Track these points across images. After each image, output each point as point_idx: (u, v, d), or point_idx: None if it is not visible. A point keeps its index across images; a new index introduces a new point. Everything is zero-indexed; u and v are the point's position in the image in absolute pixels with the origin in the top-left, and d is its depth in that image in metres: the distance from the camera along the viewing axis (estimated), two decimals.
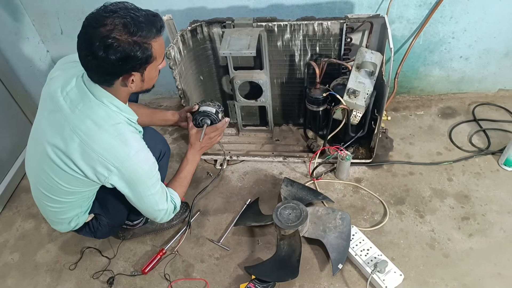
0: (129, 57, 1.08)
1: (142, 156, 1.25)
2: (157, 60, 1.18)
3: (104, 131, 1.19)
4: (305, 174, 1.91)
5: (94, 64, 1.10)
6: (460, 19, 1.91)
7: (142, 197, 1.31)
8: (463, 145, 1.94)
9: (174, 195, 1.46)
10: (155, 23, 1.12)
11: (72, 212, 1.43)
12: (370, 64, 1.67)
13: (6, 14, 2.02)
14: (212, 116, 1.56)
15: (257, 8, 1.96)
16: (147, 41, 1.10)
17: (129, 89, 1.21)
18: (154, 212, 1.38)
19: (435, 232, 1.60)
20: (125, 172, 1.23)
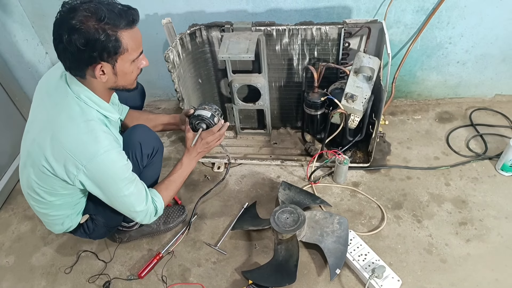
0: (94, 42, 1.06)
1: (112, 156, 1.20)
2: (130, 53, 1.15)
3: (75, 126, 1.16)
4: (302, 177, 1.88)
5: (61, 48, 1.09)
6: (457, 25, 1.90)
7: (115, 198, 1.27)
8: (460, 150, 1.92)
9: (157, 198, 1.39)
10: (127, 15, 1.11)
11: (60, 214, 1.40)
12: (368, 69, 1.65)
13: (6, 16, 1.99)
14: (207, 120, 1.49)
15: (255, 12, 1.93)
16: (114, 29, 1.08)
17: (101, 82, 1.18)
18: (131, 213, 1.33)
19: (432, 237, 1.57)
20: (93, 171, 1.18)
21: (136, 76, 1.26)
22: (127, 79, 1.22)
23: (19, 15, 2.04)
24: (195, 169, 1.99)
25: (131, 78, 1.23)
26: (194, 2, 1.94)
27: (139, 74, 1.27)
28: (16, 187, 2.01)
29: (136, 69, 1.23)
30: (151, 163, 1.48)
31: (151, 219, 1.38)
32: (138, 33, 1.16)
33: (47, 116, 1.22)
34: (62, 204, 1.37)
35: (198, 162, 1.98)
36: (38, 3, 2.03)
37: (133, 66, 1.20)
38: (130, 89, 1.29)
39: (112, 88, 1.24)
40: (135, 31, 1.14)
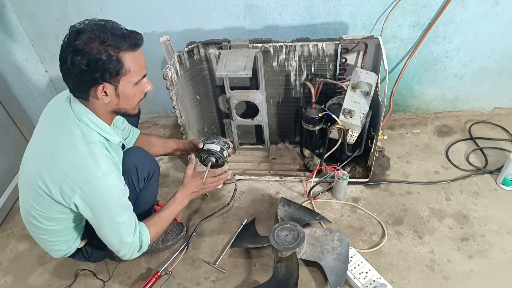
0: (96, 62, 1.07)
1: (110, 180, 1.18)
2: (132, 75, 1.15)
3: (75, 149, 1.15)
4: (302, 193, 1.85)
5: (66, 68, 1.09)
6: (453, 39, 1.89)
7: (105, 225, 1.23)
8: (460, 164, 1.89)
9: (144, 232, 1.33)
10: (130, 38, 1.11)
11: (58, 239, 1.37)
12: (365, 84, 1.63)
13: (6, 36, 1.99)
14: (217, 154, 1.51)
15: (252, 29, 1.93)
16: (116, 50, 1.09)
17: (104, 103, 1.17)
18: (116, 244, 1.27)
19: (434, 254, 1.53)
20: (88, 194, 1.16)
21: (139, 101, 1.25)
22: (130, 102, 1.21)
23: (19, 35, 2.04)
24: None
25: (133, 101, 1.22)
26: (192, 20, 1.94)
27: (142, 98, 1.25)
28: (14, 206, 1.98)
29: (139, 93, 1.22)
30: (148, 186, 1.46)
31: (133, 255, 1.33)
32: (141, 56, 1.17)
33: (48, 138, 1.21)
34: (60, 229, 1.34)
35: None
36: (38, 22, 2.03)
37: (135, 89, 1.19)
38: (131, 114, 1.28)
39: (114, 111, 1.23)
40: (138, 54, 1.15)
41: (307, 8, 1.83)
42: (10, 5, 1.96)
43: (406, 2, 1.78)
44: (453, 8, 1.78)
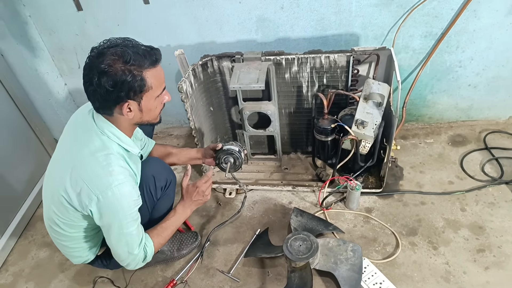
0: (121, 83, 1.11)
1: (125, 189, 1.21)
2: (154, 90, 1.19)
3: (94, 159, 1.19)
4: (314, 203, 1.85)
5: (91, 90, 1.14)
6: (466, 49, 1.88)
7: (114, 233, 1.26)
8: (475, 174, 1.86)
9: (148, 243, 1.36)
10: (150, 55, 1.16)
11: (79, 246, 1.41)
12: (378, 95, 1.64)
13: (27, 51, 2.07)
14: (235, 154, 1.55)
15: (264, 41, 1.96)
16: (140, 69, 1.13)
17: (128, 118, 1.21)
18: (123, 254, 1.30)
19: (449, 265, 1.51)
20: (104, 202, 1.20)
21: (160, 111, 1.30)
22: (152, 114, 1.27)
23: (40, 50, 2.12)
24: None
25: (155, 113, 1.28)
26: (205, 33, 1.98)
27: (162, 108, 1.30)
28: (35, 214, 2.05)
29: (159, 104, 1.27)
30: (165, 195, 1.50)
31: (137, 265, 1.36)
32: (161, 71, 1.21)
33: (71, 149, 1.26)
34: (80, 236, 1.39)
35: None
36: (58, 38, 2.10)
37: (157, 101, 1.24)
38: (154, 123, 1.33)
39: (137, 123, 1.29)
40: (158, 70, 1.19)
41: (318, 20, 1.86)
42: (32, 22, 2.04)
43: (418, 13, 1.78)
44: (465, 18, 1.78)
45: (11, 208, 1.95)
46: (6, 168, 1.93)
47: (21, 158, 1.99)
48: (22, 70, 2.06)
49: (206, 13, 1.91)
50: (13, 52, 2.03)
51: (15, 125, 2.05)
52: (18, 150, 2.01)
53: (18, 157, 1.99)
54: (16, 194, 1.99)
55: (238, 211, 1.80)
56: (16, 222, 1.92)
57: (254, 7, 1.86)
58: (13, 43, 2.03)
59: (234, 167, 1.61)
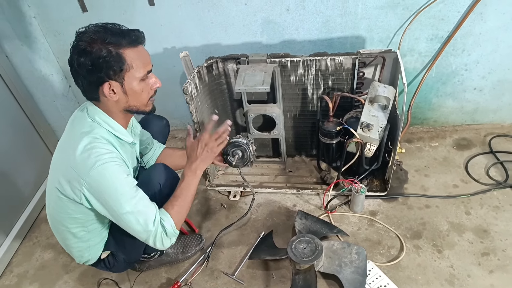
0: (98, 61, 1.14)
1: (109, 168, 1.20)
2: (136, 71, 1.21)
3: (81, 144, 1.21)
4: (319, 206, 1.88)
5: (74, 71, 1.19)
6: (472, 52, 1.91)
7: (117, 215, 1.25)
8: (480, 178, 1.89)
9: (165, 217, 1.31)
10: (129, 35, 1.18)
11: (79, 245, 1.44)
12: (383, 98, 1.67)
13: (32, 53, 2.11)
14: (243, 146, 1.49)
15: (270, 44, 1.99)
16: (117, 48, 1.16)
17: (114, 101, 1.23)
18: (139, 233, 1.27)
19: (454, 268, 1.54)
20: (92, 184, 1.20)
21: (148, 97, 1.29)
22: (139, 98, 1.27)
23: (45, 51, 2.16)
24: (211, 197, 2.03)
25: (142, 98, 1.27)
26: (210, 36, 2.02)
27: (152, 95, 1.31)
28: (39, 216, 2.08)
29: (147, 89, 1.27)
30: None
31: (163, 242, 1.30)
32: (143, 52, 1.23)
33: (65, 141, 1.30)
34: (79, 233, 1.40)
35: (214, 190, 2.03)
36: (63, 39, 2.15)
37: (142, 85, 1.25)
38: (146, 111, 1.33)
39: (126, 109, 1.29)
40: (139, 50, 1.21)
41: (323, 22, 1.89)
42: (37, 23, 2.09)
43: (424, 16, 1.81)
44: (472, 21, 1.81)
45: (16, 210, 1.99)
46: (10, 169, 1.97)
47: (25, 159, 2.03)
48: (27, 71, 2.10)
49: (211, 15, 1.95)
50: (18, 53, 2.07)
51: (19, 126, 2.09)
52: (23, 152, 2.05)
53: (23, 159, 2.03)
54: (21, 196, 2.03)
55: (246, 214, 1.81)
56: (20, 224, 1.96)
57: (259, 9, 1.89)
58: (18, 45, 2.06)
59: (242, 161, 1.54)
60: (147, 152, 1.65)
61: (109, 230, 1.49)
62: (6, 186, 1.93)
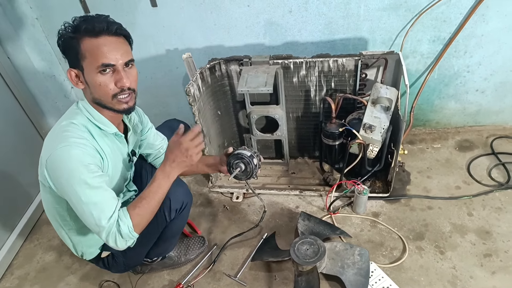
0: (63, 46, 1.19)
1: (71, 152, 1.15)
2: (90, 61, 1.16)
3: (57, 127, 1.23)
4: (321, 208, 1.91)
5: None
6: (474, 53, 1.94)
7: (72, 202, 1.20)
8: (482, 179, 1.92)
9: (124, 217, 1.21)
10: (91, 22, 1.15)
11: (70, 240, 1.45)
12: (386, 99, 1.70)
13: (34, 54, 2.14)
14: (246, 159, 1.45)
15: (272, 45, 2.02)
16: (74, 34, 1.15)
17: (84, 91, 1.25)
18: (91, 225, 1.20)
19: (456, 269, 1.56)
20: (51, 164, 1.17)
21: (111, 94, 1.21)
22: (101, 92, 1.20)
23: (47, 53, 2.18)
24: (214, 199, 2.05)
25: (105, 92, 1.20)
26: (213, 37, 2.04)
27: (117, 93, 1.22)
28: (41, 218, 2.10)
29: (107, 83, 1.19)
30: (179, 216, 1.49)
31: (117, 242, 1.21)
32: (105, 43, 1.16)
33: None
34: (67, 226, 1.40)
35: (217, 192, 2.05)
36: None
37: (102, 78, 1.18)
38: (115, 109, 1.25)
39: (95, 102, 1.24)
40: (100, 41, 1.15)
41: (326, 24, 1.92)
42: (39, 25, 2.11)
43: (426, 17, 1.84)
44: (474, 22, 1.83)
45: (17, 211, 2.01)
46: (12, 171, 1.99)
47: (27, 161, 2.04)
48: (29, 73, 2.13)
49: (214, 17, 1.97)
50: (20, 55, 2.10)
51: (21, 128, 2.11)
52: (24, 153, 2.07)
53: (24, 160, 2.05)
54: (22, 197, 2.05)
55: (256, 225, 1.81)
56: (22, 225, 1.98)
57: (262, 10, 1.92)
58: (20, 46, 2.09)
59: (245, 174, 1.50)
60: (160, 156, 1.65)
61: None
62: (7, 188, 1.95)
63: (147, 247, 1.54)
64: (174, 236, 1.61)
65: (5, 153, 1.96)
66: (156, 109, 2.34)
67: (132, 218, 1.22)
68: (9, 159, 1.98)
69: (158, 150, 1.63)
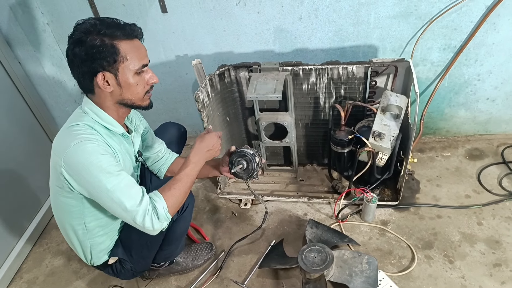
0: (93, 51, 1.20)
1: (85, 146, 1.22)
2: (130, 63, 1.25)
3: (64, 130, 1.29)
4: (330, 215, 1.95)
5: (70, 62, 1.25)
6: (485, 62, 1.98)
7: (98, 193, 1.25)
8: (492, 188, 1.95)
9: (158, 198, 1.28)
10: (124, 28, 1.24)
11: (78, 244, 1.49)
12: (395, 107, 1.73)
13: (45, 59, 2.21)
14: (248, 157, 1.50)
15: (282, 52, 2.08)
16: (112, 39, 1.21)
17: (108, 94, 1.28)
18: (123, 213, 1.25)
19: (465, 279, 1.60)
20: (68, 162, 1.23)
21: (144, 92, 1.32)
22: (133, 92, 1.30)
23: (57, 58, 2.26)
24: (222, 205, 2.10)
25: (137, 91, 1.31)
26: (223, 44, 2.11)
27: (148, 90, 1.34)
28: (50, 222, 2.17)
29: (142, 83, 1.31)
30: (181, 217, 1.56)
31: (154, 224, 1.26)
32: (139, 45, 1.28)
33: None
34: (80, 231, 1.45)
35: (225, 198, 2.11)
36: None
37: (137, 78, 1.29)
38: (142, 106, 1.36)
39: (121, 102, 1.32)
40: (135, 43, 1.27)
41: (336, 31, 1.97)
42: (50, 30, 2.18)
43: (437, 25, 1.88)
44: (485, 31, 1.87)
45: (27, 216, 2.08)
46: (22, 175, 2.06)
47: (37, 165, 2.11)
48: (40, 78, 2.20)
49: (223, 23, 2.04)
50: (30, 60, 2.17)
51: (31, 132, 2.18)
52: (34, 158, 2.13)
53: (35, 164, 2.12)
54: (32, 201, 2.12)
55: (259, 227, 1.86)
56: (31, 229, 2.05)
57: (272, 17, 1.98)
58: (30, 51, 2.17)
59: (247, 172, 1.54)
60: (158, 159, 1.70)
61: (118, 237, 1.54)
62: (17, 192, 2.02)
63: (153, 250, 1.58)
64: (178, 238, 1.65)
65: (15, 158, 2.03)
66: (166, 115, 2.41)
67: (167, 199, 1.29)
68: (19, 164, 2.05)
69: (156, 154, 1.69)
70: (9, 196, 1.96)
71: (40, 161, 2.16)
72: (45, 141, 2.23)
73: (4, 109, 2.01)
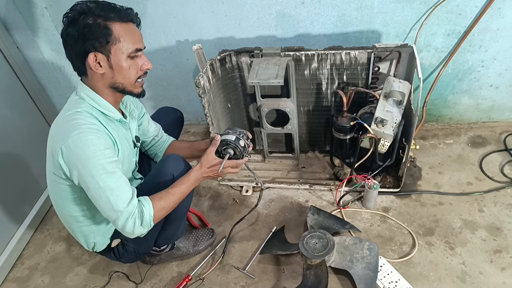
0: (85, 30, 1.21)
1: (87, 138, 1.23)
2: (123, 45, 1.26)
3: (63, 117, 1.30)
4: (331, 202, 1.97)
5: (64, 42, 1.27)
6: (489, 48, 1.97)
7: (89, 189, 1.27)
8: (494, 175, 1.97)
9: (147, 204, 1.32)
10: (120, 10, 1.26)
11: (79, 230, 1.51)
12: (398, 93, 1.74)
13: (43, 44, 2.21)
14: (232, 144, 1.49)
15: (284, 37, 2.07)
16: (105, 20, 1.23)
17: (100, 76, 1.29)
18: (109, 212, 1.28)
19: (466, 265, 1.62)
20: (67, 152, 1.24)
21: (136, 77, 1.34)
22: (125, 76, 1.31)
23: (56, 43, 2.25)
24: (224, 192, 2.13)
25: (129, 75, 1.32)
26: (224, 29, 2.10)
27: (141, 76, 1.36)
28: (51, 209, 2.19)
29: (135, 67, 1.32)
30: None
31: (135, 228, 1.29)
32: (134, 29, 1.30)
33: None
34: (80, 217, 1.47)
35: (227, 185, 2.13)
36: None
37: (130, 62, 1.30)
38: (133, 93, 1.38)
39: (112, 86, 1.33)
40: (130, 27, 1.28)
41: (339, 16, 1.97)
42: (48, 14, 2.17)
43: (441, 10, 1.88)
44: (489, 16, 1.87)
45: (28, 202, 2.10)
46: (21, 161, 2.08)
47: (36, 151, 2.12)
48: (39, 63, 2.20)
49: (225, 8, 2.03)
50: (29, 44, 2.17)
51: (31, 119, 2.19)
52: (33, 144, 2.15)
53: (34, 151, 2.13)
54: (32, 188, 2.14)
55: (255, 206, 1.86)
56: (32, 216, 2.07)
57: (274, 2, 1.97)
58: (29, 36, 2.16)
59: (236, 158, 1.53)
60: (155, 143, 1.73)
61: None
62: (17, 178, 2.04)
63: (156, 230, 1.58)
64: (178, 218, 1.63)
65: (15, 144, 2.05)
66: (166, 101, 2.41)
67: (155, 208, 1.33)
68: (19, 150, 2.06)
69: (152, 138, 1.71)
70: (9, 183, 1.98)
71: (40, 147, 2.15)
72: (44, 127, 2.24)
73: (2, 95, 2.02)
